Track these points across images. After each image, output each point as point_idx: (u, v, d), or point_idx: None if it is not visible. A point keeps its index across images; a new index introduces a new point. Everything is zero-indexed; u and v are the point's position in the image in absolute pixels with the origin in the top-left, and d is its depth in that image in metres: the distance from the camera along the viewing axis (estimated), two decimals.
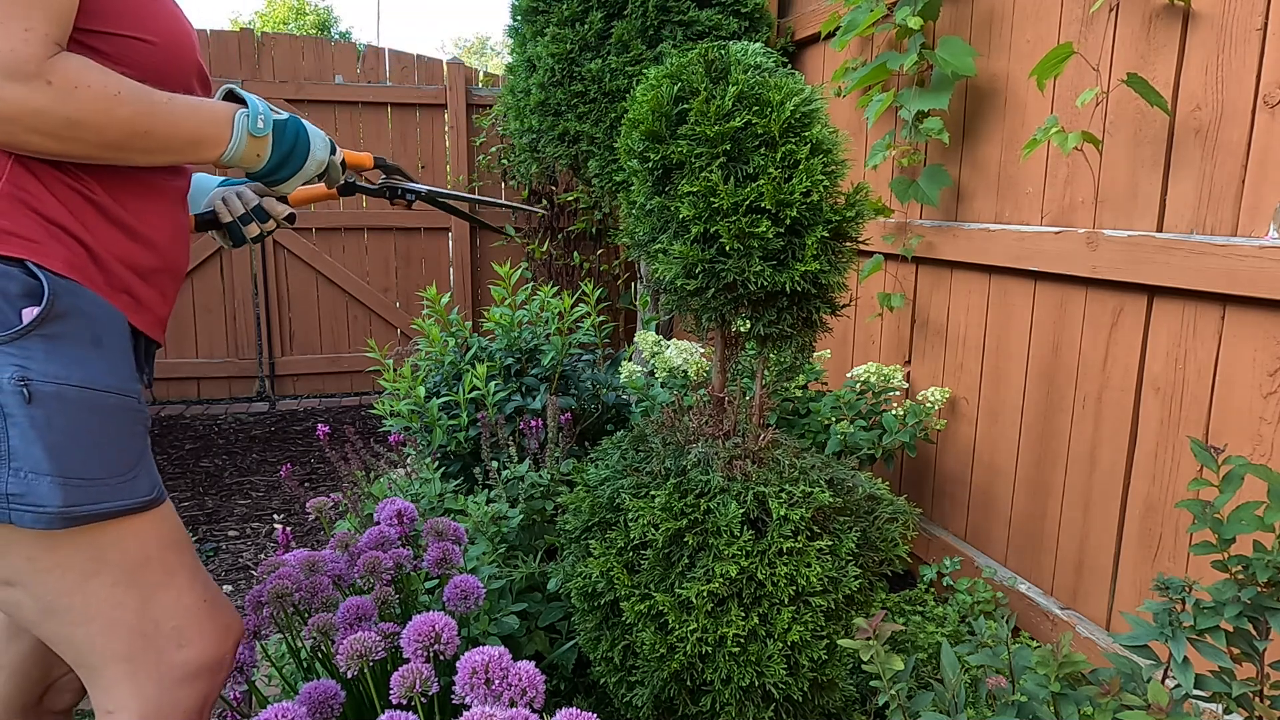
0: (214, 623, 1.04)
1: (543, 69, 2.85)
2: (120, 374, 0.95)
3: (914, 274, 2.42)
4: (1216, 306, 1.53)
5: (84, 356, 0.91)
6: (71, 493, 0.88)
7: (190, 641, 1.00)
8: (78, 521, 0.89)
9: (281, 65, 4.71)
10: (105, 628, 0.95)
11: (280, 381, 4.98)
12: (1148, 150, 1.66)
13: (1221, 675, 1.02)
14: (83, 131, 0.87)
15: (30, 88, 0.83)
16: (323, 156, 1.15)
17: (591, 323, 2.55)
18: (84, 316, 0.92)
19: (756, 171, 1.21)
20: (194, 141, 0.98)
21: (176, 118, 0.95)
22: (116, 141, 0.90)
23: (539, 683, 0.97)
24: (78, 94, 0.85)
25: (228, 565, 2.80)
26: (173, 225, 1.06)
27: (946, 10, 2.21)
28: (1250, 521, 1.03)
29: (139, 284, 1.00)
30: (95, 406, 0.91)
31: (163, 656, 0.98)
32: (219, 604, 1.06)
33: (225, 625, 1.06)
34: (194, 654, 1.01)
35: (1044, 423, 1.96)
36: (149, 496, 0.96)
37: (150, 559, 0.97)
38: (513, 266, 2.57)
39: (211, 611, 1.04)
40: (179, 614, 1.00)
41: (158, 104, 0.93)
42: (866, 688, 1.55)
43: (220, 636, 1.04)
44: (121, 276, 0.98)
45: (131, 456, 0.95)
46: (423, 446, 2.24)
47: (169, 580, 0.99)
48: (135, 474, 0.95)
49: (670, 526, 1.28)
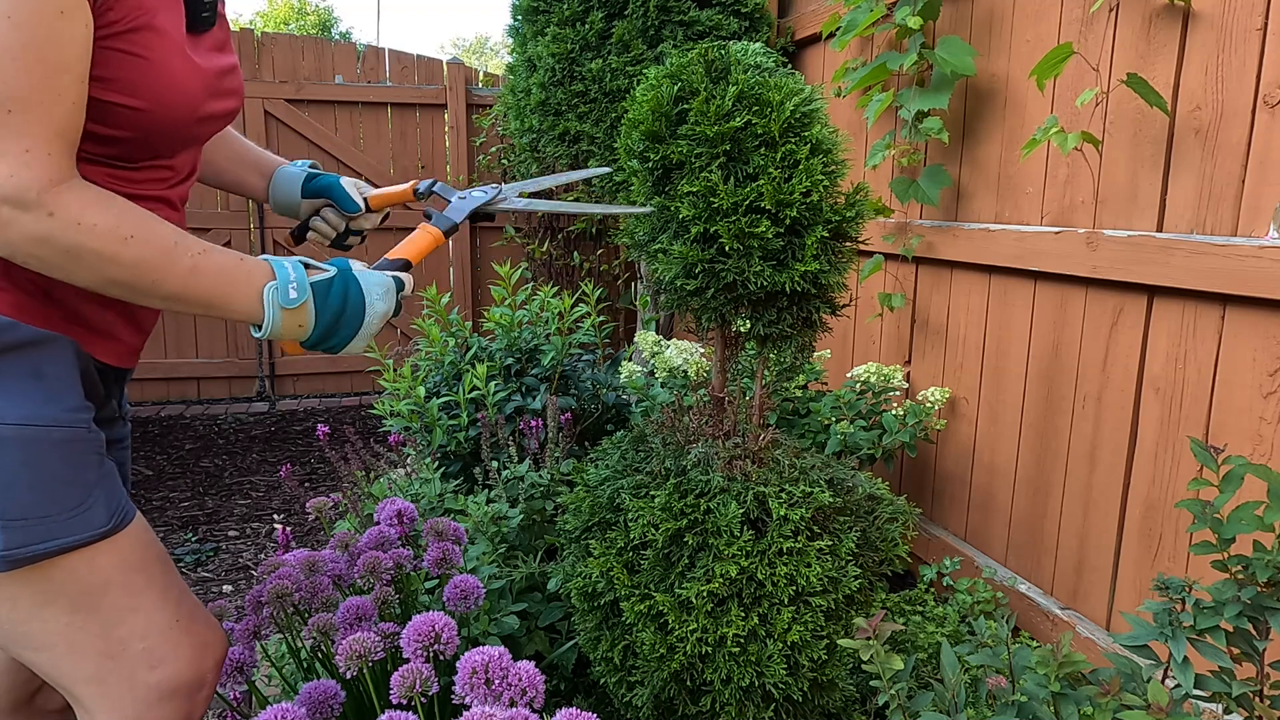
0: (189, 641, 1.01)
1: (543, 69, 2.85)
2: (64, 403, 0.90)
3: (914, 274, 2.42)
4: (1216, 306, 1.53)
5: (22, 391, 0.87)
6: (14, 534, 0.85)
7: (163, 661, 0.98)
8: (24, 563, 0.87)
9: (281, 65, 4.71)
10: (68, 652, 0.93)
11: (280, 381, 4.98)
12: (1148, 150, 1.66)
13: (1221, 675, 1.02)
14: (82, 267, 0.82)
15: (32, 216, 0.78)
16: (386, 307, 1.02)
17: (591, 323, 2.54)
18: (19, 350, 0.88)
19: (756, 171, 1.21)
20: (211, 304, 0.91)
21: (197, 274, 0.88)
22: (124, 282, 0.85)
23: (539, 683, 0.97)
24: (81, 230, 0.81)
25: (228, 565, 2.80)
26: None
27: (946, 10, 2.21)
28: (1250, 521, 1.03)
29: (101, 313, 0.96)
30: (37, 442, 0.87)
31: (135, 678, 0.97)
32: (196, 621, 1.03)
33: (203, 643, 1.03)
34: (169, 674, 0.99)
35: (1044, 423, 1.96)
36: (105, 527, 0.93)
37: (111, 583, 0.94)
38: (513, 266, 2.57)
39: (187, 629, 1.01)
40: (149, 634, 0.97)
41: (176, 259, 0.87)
42: (866, 688, 1.55)
43: (197, 655, 1.02)
44: (79, 309, 0.93)
45: (82, 488, 0.91)
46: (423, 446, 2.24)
47: (134, 602, 0.96)
48: (88, 505, 0.91)
49: (670, 526, 1.28)
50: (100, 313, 0.97)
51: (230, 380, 4.91)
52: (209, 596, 2.59)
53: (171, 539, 3.00)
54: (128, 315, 1.01)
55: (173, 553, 2.87)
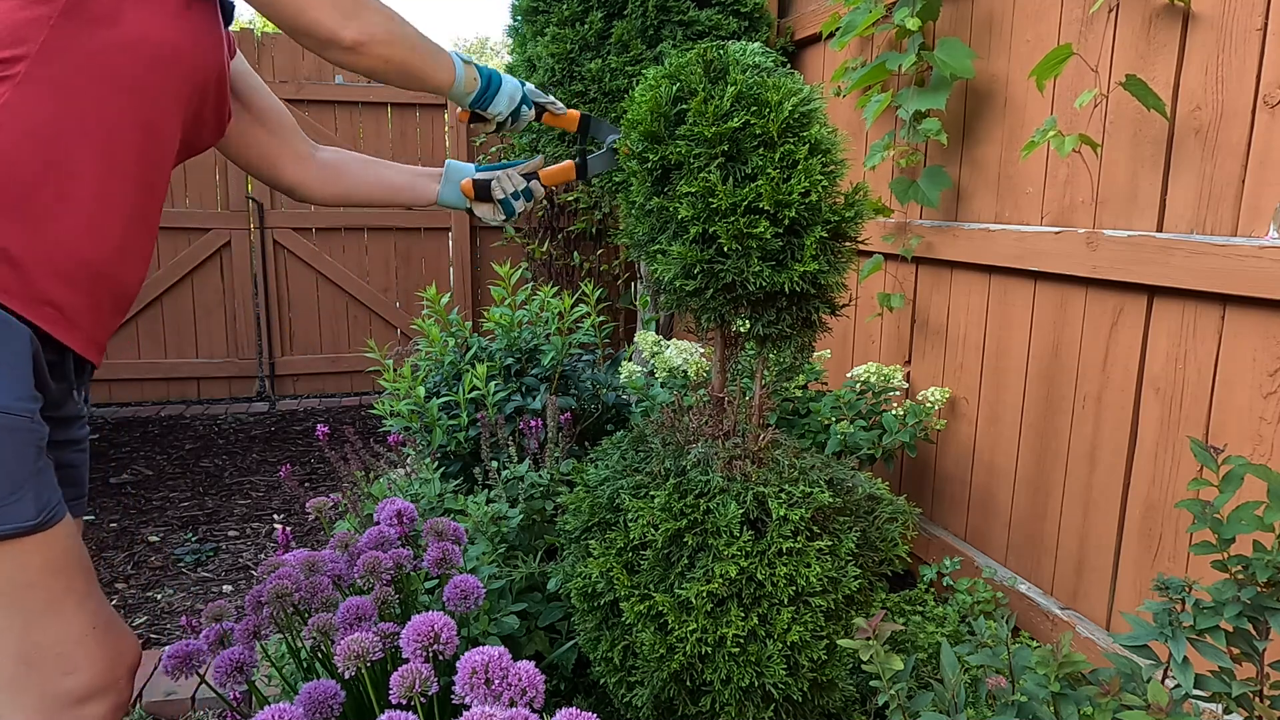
0: (103, 650, 1.01)
1: (543, 69, 2.85)
2: (12, 392, 0.90)
3: (914, 274, 2.42)
4: (1216, 306, 1.53)
5: None
6: None
7: (77, 669, 0.98)
8: None
9: (282, 65, 4.71)
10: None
11: (280, 381, 4.98)
12: (1148, 150, 1.66)
13: (1221, 675, 1.02)
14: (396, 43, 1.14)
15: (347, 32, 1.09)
16: (513, 90, 1.34)
17: (591, 323, 2.54)
18: None
19: (755, 172, 1.21)
20: (439, 69, 1.24)
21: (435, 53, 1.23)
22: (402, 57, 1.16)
23: (539, 683, 0.97)
24: (365, 14, 1.10)
25: (228, 565, 2.80)
26: (124, 236, 1.02)
27: (946, 10, 2.21)
28: (1250, 521, 1.03)
29: (70, 293, 0.96)
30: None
31: (47, 684, 0.96)
32: (112, 630, 1.03)
33: (117, 652, 1.03)
34: (83, 681, 0.98)
35: (1044, 423, 1.96)
36: (32, 521, 0.92)
37: (33, 583, 0.94)
38: (513, 266, 2.57)
39: (102, 638, 1.01)
40: (64, 640, 0.97)
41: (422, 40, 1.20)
42: (866, 688, 1.55)
43: (110, 664, 1.01)
44: (46, 287, 0.94)
45: (14, 479, 0.90)
46: (422, 446, 2.24)
47: (53, 607, 0.96)
48: (17, 497, 0.90)
49: (670, 527, 1.28)
50: (67, 293, 0.96)
51: (230, 380, 4.91)
52: (209, 596, 2.59)
53: (171, 539, 3.00)
54: (93, 302, 1.00)
55: (173, 553, 2.87)
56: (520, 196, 1.44)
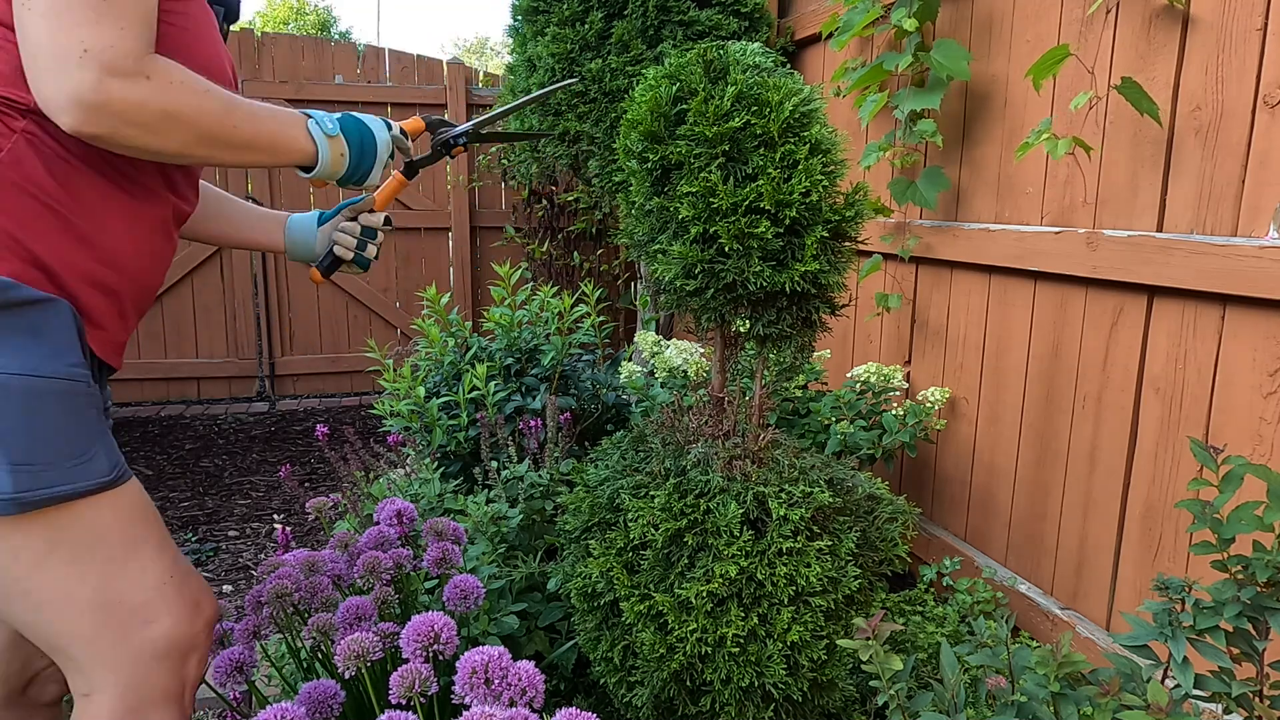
0: (181, 599, 1.02)
1: (543, 69, 2.85)
2: (65, 359, 0.93)
3: (914, 274, 2.41)
4: (1216, 306, 1.53)
5: (22, 345, 0.90)
6: (21, 478, 0.88)
7: (157, 618, 1.00)
8: (30, 506, 0.89)
9: (281, 65, 4.71)
10: (64, 607, 0.95)
11: (280, 381, 4.98)
12: (1148, 150, 1.66)
13: (1221, 675, 1.02)
14: (178, 124, 0.91)
15: (131, 82, 0.86)
16: (386, 136, 1.19)
17: (591, 323, 2.54)
18: (19, 309, 0.91)
19: (755, 172, 1.21)
20: (276, 141, 1.03)
21: (258, 117, 1.00)
22: (208, 136, 0.94)
23: (539, 682, 0.97)
24: (173, 89, 0.90)
25: (228, 565, 2.80)
26: (138, 248, 1.04)
27: (946, 10, 2.21)
28: (1250, 521, 1.03)
29: (97, 298, 0.99)
30: (40, 393, 0.90)
31: (130, 634, 0.98)
32: (188, 580, 1.05)
33: (194, 601, 1.04)
34: (162, 630, 1.00)
35: (1044, 423, 1.96)
36: (107, 477, 0.96)
37: (109, 537, 0.97)
38: (513, 266, 2.57)
39: (180, 587, 1.03)
40: (143, 590, 0.99)
41: (239, 104, 0.98)
42: (866, 688, 1.55)
43: (189, 613, 1.03)
44: (75, 291, 0.96)
45: (85, 439, 0.94)
46: (422, 447, 2.24)
47: (131, 557, 0.98)
48: (90, 455, 0.94)
49: (670, 527, 1.28)
50: (96, 298, 0.98)
51: (230, 380, 4.91)
52: None
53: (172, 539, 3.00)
54: (118, 307, 1.02)
55: None
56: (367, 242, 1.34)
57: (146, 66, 0.88)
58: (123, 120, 0.87)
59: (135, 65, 0.87)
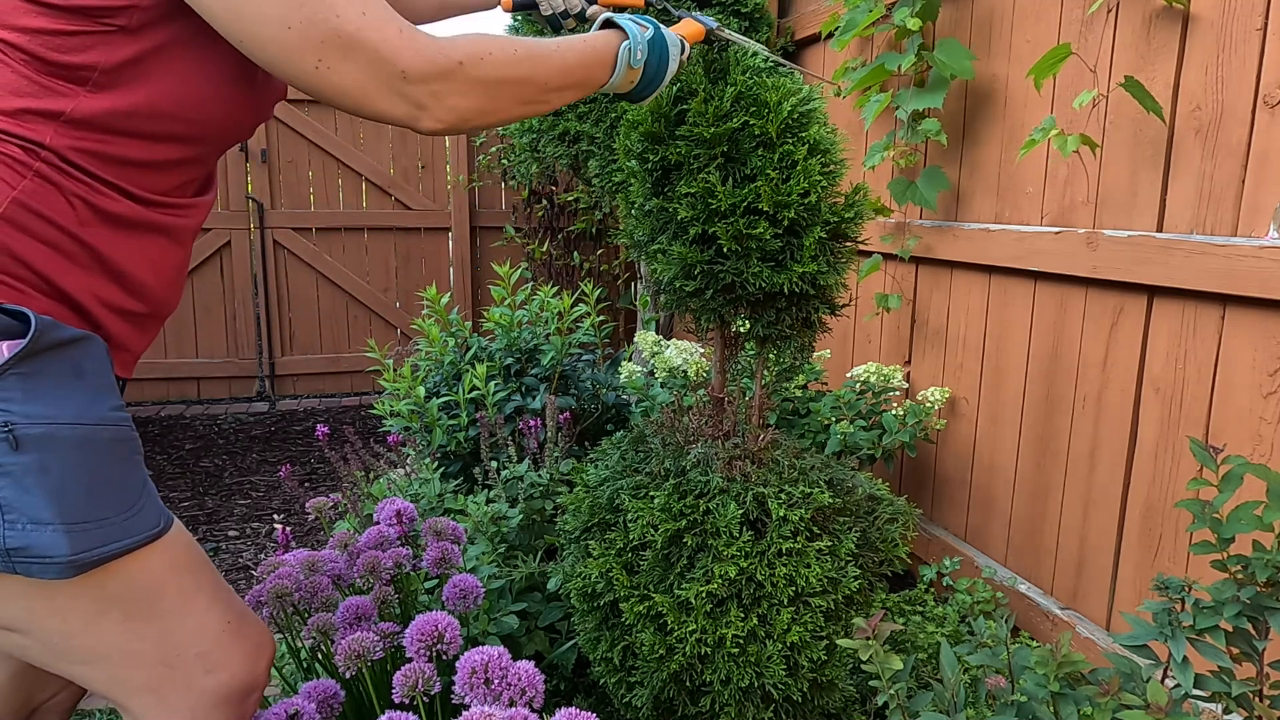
0: (241, 644, 0.99)
1: None
2: (108, 402, 0.88)
3: (914, 274, 2.42)
4: (1216, 306, 1.53)
5: (68, 391, 0.84)
6: (78, 539, 0.82)
7: (219, 666, 0.96)
8: (89, 567, 0.84)
9: None
10: (123, 663, 0.91)
11: (280, 381, 4.98)
12: (1147, 150, 1.66)
13: (1221, 675, 1.02)
14: (504, 94, 0.93)
15: (453, 76, 0.88)
16: (676, 67, 1.16)
17: (591, 323, 2.55)
18: (62, 349, 0.85)
19: (754, 172, 1.21)
20: (583, 84, 1.04)
21: (568, 65, 1.00)
22: (532, 96, 0.96)
23: (538, 682, 0.97)
24: (486, 63, 0.90)
25: (228, 565, 2.80)
26: (159, 269, 1.00)
27: (946, 10, 2.21)
28: (1250, 521, 1.03)
29: (119, 323, 0.95)
30: (89, 442, 0.84)
31: (191, 684, 0.94)
32: (247, 622, 1.01)
33: (255, 644, 1.01)
34: (224, 679, 0.96)
35: (1044, 423, 1.96)
36: (158, 528, 0.91)
37: (165, 588, 0.93)
38: (512, 266, 2.57)
39: (238, 632, 0.99)
40: (203, 639, 0.95)
41: (550, 54, 0.97)
42: (866, 688, 1.55)
43: (251, 657, 1.00)
44: (101, 318, 0.93)
45: (134, 488, 0.89)
46: (422, 446, 2.24)
47: (187, 606, 0.94)
48: (140, 506, 0.89)
49: (669, 527, 1.28)
50: (118, 323, 0.95)
51: (230, 380, 4.91)
52: None
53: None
54: (139, 325, 1.00)
55: None
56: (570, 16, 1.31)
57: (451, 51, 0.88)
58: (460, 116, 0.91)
59: (446, 58, 0.87)
